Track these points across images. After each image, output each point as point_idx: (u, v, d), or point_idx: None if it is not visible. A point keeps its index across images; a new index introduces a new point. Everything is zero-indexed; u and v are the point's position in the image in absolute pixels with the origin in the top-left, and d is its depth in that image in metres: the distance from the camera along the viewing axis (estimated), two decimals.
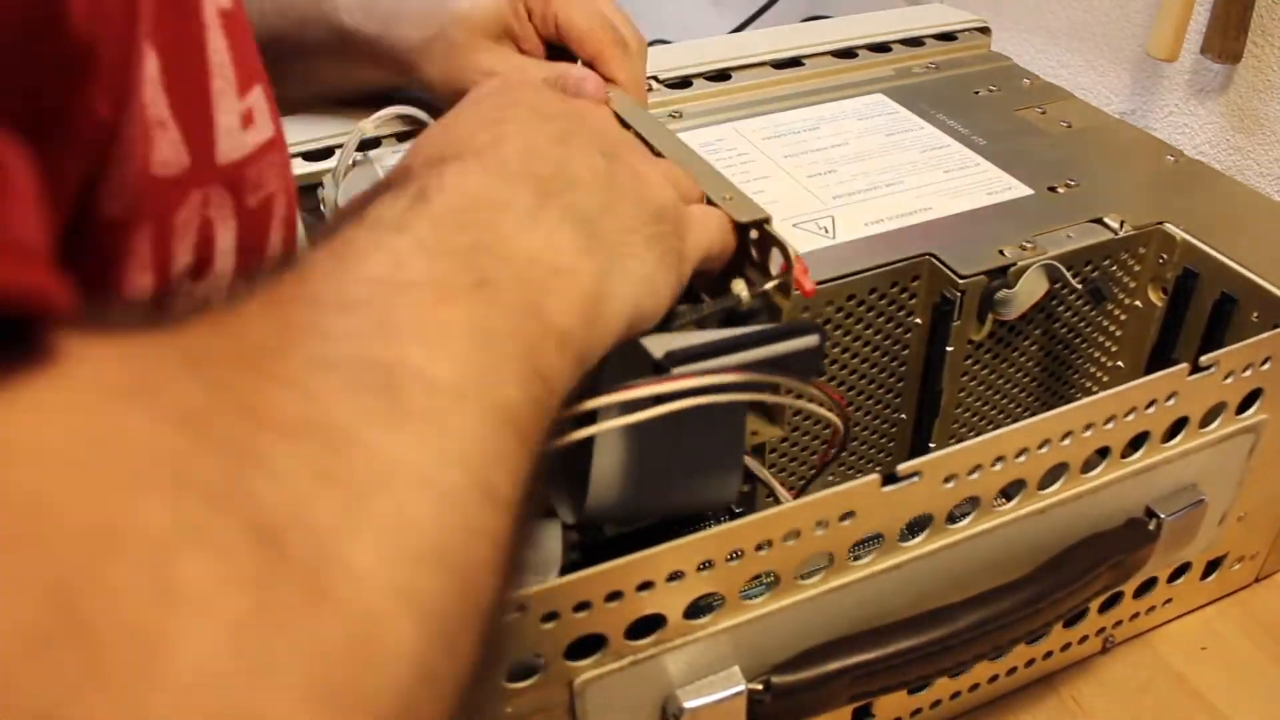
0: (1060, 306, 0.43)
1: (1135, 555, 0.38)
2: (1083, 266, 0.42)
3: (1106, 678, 0.43)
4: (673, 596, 0.31)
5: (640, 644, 0.31)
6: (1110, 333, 0.46)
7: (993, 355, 0.43)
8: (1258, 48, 0.54)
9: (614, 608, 0.30)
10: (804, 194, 0.45)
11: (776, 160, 0.48)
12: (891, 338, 0.43)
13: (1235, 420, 0.39)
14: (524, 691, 0.30)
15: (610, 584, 0.29)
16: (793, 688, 0.33)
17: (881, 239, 0.42)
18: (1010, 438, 0.34)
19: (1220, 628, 0.45)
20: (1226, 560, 0.45)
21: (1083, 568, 0.37)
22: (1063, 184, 0.46)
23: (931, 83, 0.55)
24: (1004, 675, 0.42)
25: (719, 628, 0.32)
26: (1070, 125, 0.51)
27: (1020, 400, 0.46)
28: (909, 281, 0.42)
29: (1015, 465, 0.34)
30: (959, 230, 0.43)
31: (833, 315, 0.41)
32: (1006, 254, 0.41)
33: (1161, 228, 0.43)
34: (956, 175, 0.46)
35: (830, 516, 0.32)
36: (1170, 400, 0.36)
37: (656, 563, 0.30)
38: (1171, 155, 0.48)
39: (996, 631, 0.35)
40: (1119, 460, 0.37)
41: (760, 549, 0.31)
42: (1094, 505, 0.38)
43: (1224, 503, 0.41)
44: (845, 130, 0.50)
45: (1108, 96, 0.63)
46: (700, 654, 0.33)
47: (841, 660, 0.34)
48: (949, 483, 0.33)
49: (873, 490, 0.32)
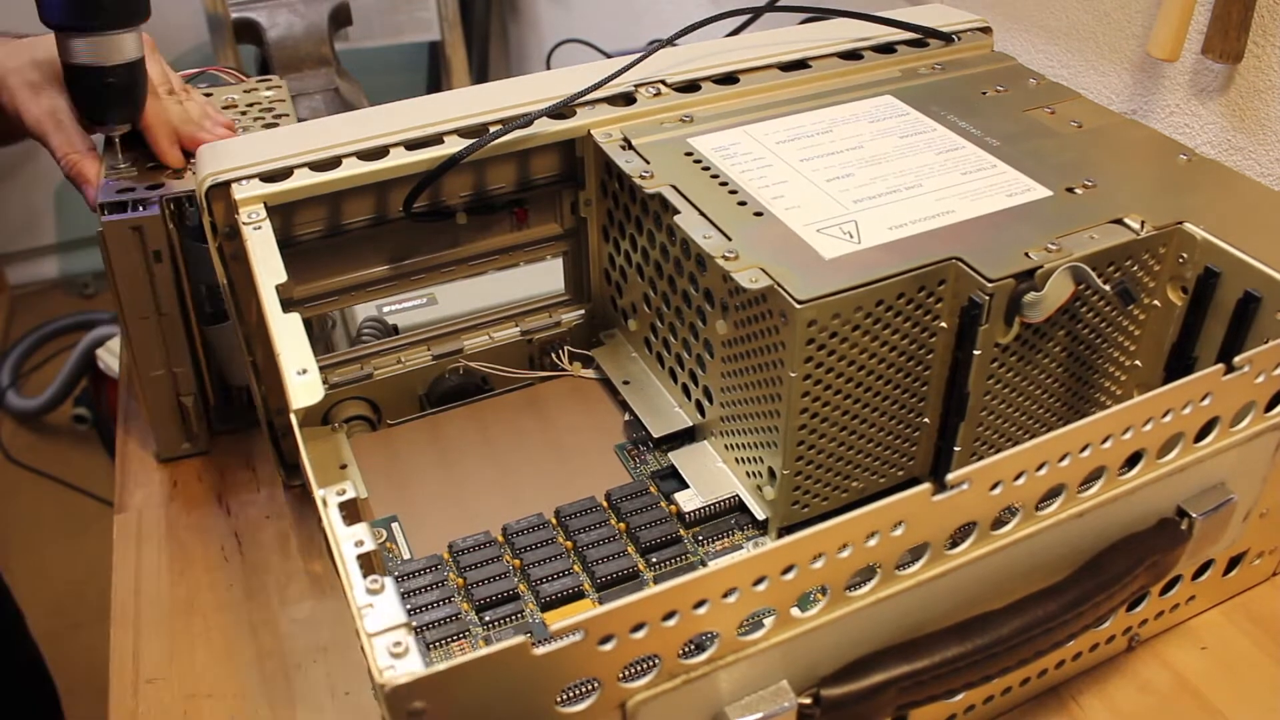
0: (1083, 308, 0.44)
1: (1170, 555, 0.38)
2: (1105, 267, 0.42)
3: (1107, 678, 0.43)
4: (727, 614, 0.30)
5: (693, 663, 0.31)
6: (1130, 333, 0.46)
7: (1017, 358, 0.43)
8: (1258, 48, 0.54)
9: (669, 627, 0.29)
10: (825, 198, 0.45)
11: (793, 164, 0.48)
12: (918, 342, 0.42)
13: (1264, 419, 0.39)
14: (579, 716, 0.30)
15: (667, 604, 0.29)
16: (842, 700, 0.33)
17: (906, 243, 0.42)
18: (1054, 443, 0.33)
19: (1220, 628, 0.45)
20: (1247, 556, 0.45)
21: (1122, 569, 0.37)
22: (1080, 184, 0.46)
23: (939, 84, 0.55)
24: (1035, 678, 0.42)
25: (771, 643, 0.32)
26: (1081, 125, 0.51)
27: (1042, 402, 0.46)
28: (936, 286, 0.41)
29: (1058, 470, 0.34)
30: (983, 233, 0.43)
31: (861, 321, 0.40)
32: (1032, 256, 0.41)
33: (1181, 227, 0.43)
34: (975, 177, 0.46)
35: (882, 527, 0.32)
36: (1205, 400, 0.36)
37: (713, 581, 0.29)
38: (1184, 154, 0.48)
39: (1041, 636, 0.35)
40: (1154, 461, 0.37)
41: (814, 562, 0.31)
42: (1128, 507, 0.38)
43: (1250, 500, 0.42)
44: (858, 133, 0.50)
45: (1108, 97, 0.64)
46: (750, 669, 0.32)
47: (889, 671, 0.33)
48: (995, 489, 0.33)
49: (923, 500, 0.32)
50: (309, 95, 1.12)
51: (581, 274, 0.56)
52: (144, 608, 0.49)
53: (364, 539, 0.31)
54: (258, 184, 0.46)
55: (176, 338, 0.53)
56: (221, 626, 0.48)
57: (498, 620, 0.42)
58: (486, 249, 0.53)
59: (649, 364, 0.54)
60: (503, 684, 0.28)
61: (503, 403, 0.54)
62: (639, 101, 0.52)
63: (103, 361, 1.45)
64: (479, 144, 0.47)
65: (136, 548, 0.52)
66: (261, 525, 0.53)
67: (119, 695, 0.45)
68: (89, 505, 1.49)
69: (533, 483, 0.49)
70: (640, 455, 0.50)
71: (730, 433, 0.47)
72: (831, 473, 0.44)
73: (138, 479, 0.56)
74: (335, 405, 0.52)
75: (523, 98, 0.51)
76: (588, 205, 0.53)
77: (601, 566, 0.44)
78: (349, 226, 0.50)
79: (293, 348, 0.37)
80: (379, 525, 0.47)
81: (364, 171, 0.47)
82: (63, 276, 1.98)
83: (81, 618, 1.26)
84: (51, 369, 1.67)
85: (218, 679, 0.45)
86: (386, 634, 0.28)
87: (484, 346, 0.55)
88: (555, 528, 0.46)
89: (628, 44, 0.73)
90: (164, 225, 0.49)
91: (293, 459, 0.53)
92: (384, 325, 0.60)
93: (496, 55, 1.80)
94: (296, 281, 0.50)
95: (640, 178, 0.46)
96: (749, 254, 0.41)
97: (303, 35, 1.17)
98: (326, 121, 0.50)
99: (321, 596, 0.49)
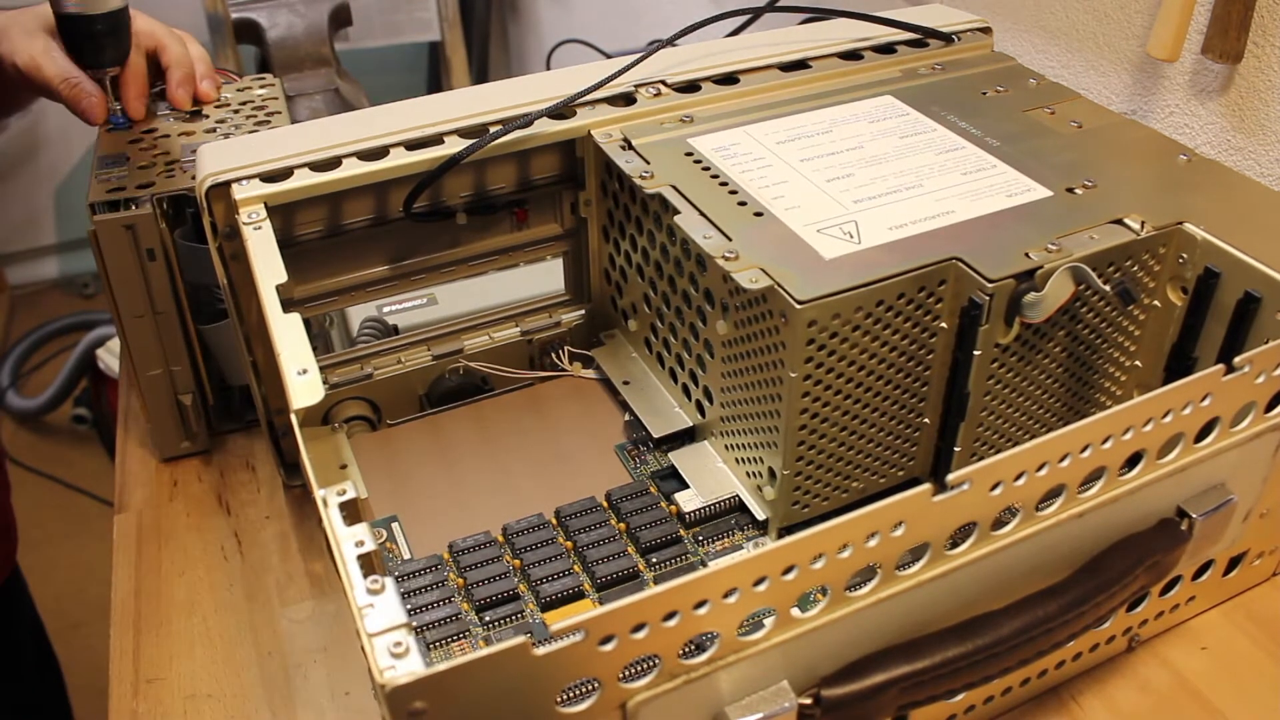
0: (1083, 308, 0.44)
1: (1170, 555, 0.38)
2: (1105, 268, 0.42)
3: (1106, 678, 0.43)
4: (727, 614, 0.30)
5: (694, 663, 0.31)
6: (1130, 333, 0.46)
7: (1017, 358, 0.43)
8: (1258, 48, 0.54)
9: (670, 628, 0.29)
10: (825, 198, 0.45)
11: (793, 164, 0.48)
12: (918, 342, 0.42)
13: (1264, 419, 0.39)
14: (579, 716, 0.30)
15: (668, 605, 0.29)
16: (843, 700, 0.33)
17: (906, 243, 0.42)
18: (1054, 443, 0.33)
19: (1220, 628, 0.45)
20: (1247, 556, 0.45)
21: (1122, 570, 0.37)
22: (1080, 185, 0.46)
23: (939, 84, 0.55)
24: (1035, 678, 0.42)
25: (771, 643, 0.32)
26: (1081, 125, 0.51)
27: (1042, 402, 0.46)
28: (936, 286, 0.41)
29: (1058, 470, 0.34)
30: (983, 233, 0.43)
31: (861, 321, 0.40)
32: (1033, 256, 0.41)
33: (1182, 228, 0.43)
34: (975, 177, 0.46)
35: (882, 528, 0.32)
36: (1205, 401, 0.36)
37: (713, 582, 0.29)
38: (1184, 154, 0.48)
39: (1042, 636, 0.35)
40: (1155, 462, 0.37)
41: (814, 562, 0.31)
42: (1128, 508, 0.38)
43: (1250, 500, 0.42)
44: (858, 133, 0.50)
45: (1108, 97, 0.64)
46: (751, 669, 0.32)
47: (889, 671, 0.33)
48: (996, 489, 0.33)
49: (923, 500, 0.32)
50: (309, 95, 1.12)
51: (581, 274, 0.56)
52: (144, 608, 0.49)
53: (364, 539, 0.31)
54: (258, 184, 0.46)
55: (173, 336, 0.53)
56: (221, 626, 0.48)
57: (498, 620, 0.42)
58: (486, 249, 0.53)
59: (649, 364, 0.54)
60: (503, 684, 0.28)
61: (503, 403, 0.54)
62: (639, 102, 0.52)
63: (103, 361, 1.45)
64: (479, 144, 0.47)
65: (136, 548, 0.52)
66: (261, 525, 0.53)
67: (119, 695, 0.45)
68: (89, 505, 1.49)
69: (533, 483, 0.49)
70: (640, 455, 0.50)
71: (730, 433, 0.47)
72: (832, 473, 0.44)
73: (138, 479, 0.56)
74: (335, 405, 0.52)
75: (523, 98, 0.51)
76: (588, 205, 0.53)
77: (602, 567, 0.44)
78: (349, 226, 0.50)
79: (293, 348, 0.37)
80: (379, 525, 0.47)
81: (364, 172, 0.47)
82: (62, 276, 1.98)
83: (81, 618, 1.26)
84: (51, 369, 1.67)
85: (218, 679, 0.45)
86: (387, 634, 0.28)
87: (484, 346, 0.55)
88: (555, 528, 0.46)
89: (628, 44, 0.73)
90: (155, 224, 0.49)
91: (293, 459, 0.53)
92: (384, 325, 0.60)
93: (496, 55, 1.80)
94: (296, 281, 0.50)
95: (640, 178, 0.46)
96: (749, 254, 0.41)
97: (303, 35, 1.17)
98: (327, 122, 0.50)
99: (321, 597, 0.49)
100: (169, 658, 0.46)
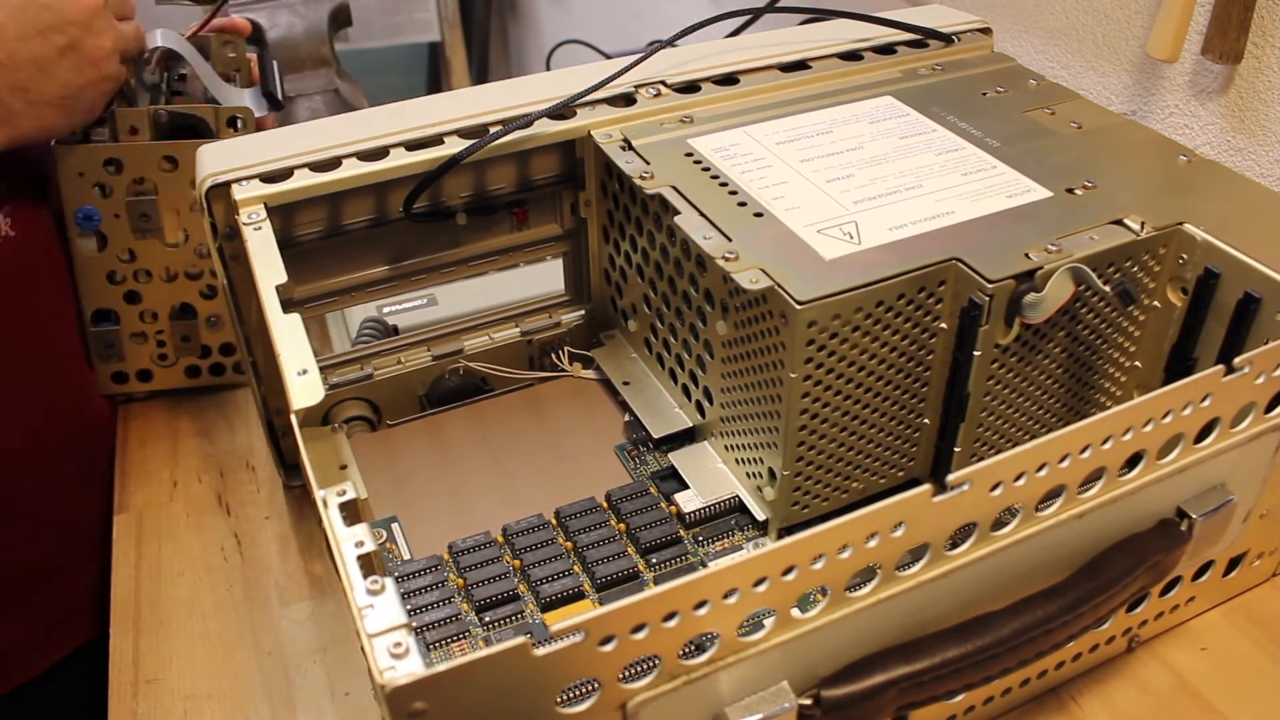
0: (1083, 309, 0.44)
1: (1170, 556, 0.38)
2: (1105, 268, 0.42)
3: (1106, 678, 0.43)
4: (727, 615, 0.30)
5: (694, 663, 0.31)
6: (1130, 334, 0.46)
7: (1017, 359, 0.43)
8: (1258, 48, 0.54)
9: (670, 628, 0.29)
10: (825, 199, 0.45)
11: (793, 165, 0.48)
12: (918, 343, 0.42)
13: (1264, 420, 0.39)
14: (579, 717, 0.30)
15: (668, 605, 0.29)
16: (842, 701, 0.33)
17: (906, 244, 0.42)
18: (1054, 444, 0.33)
19: (1220, 628, 0.45)
20: (1247, 557, 0.45)
21: (1122, 570, 0.37)
22: (1080, 185, 0.46)
23: (939, 84, 0.55)
24: (1035, 678, 0.42)
25: (771, 644, 0.32)
26: (1081, 126, 0.51)
27: (1042, 403, 0.46)
28: (936, 286, 0.41)
29: (1058, 470, 0.34)
30: (983, 234, 0.43)
31: (861, 322, 0.40)
32: (1032, 257, 0.41)
33: (1181, 228, 0.43)
34: (974, 178, 0.46)
35: (882, 528, 0.32)
36: (1205, 401, 0.36)
37: (713, 582, 0.29)
38: (1184, 155, 0.48)
39: (1042, 637, 0.35)
40: (1155, 462, 0.37)
41: (814, 563, 0.31)
42: (1128, 508, 0.38)
43: (1250, 501, 0.42)
44: (858, 133, 0.50)
45: (1108, 97, 0.64)
46: (751, 670, 0.32)
47: (889, 672, 0.33)
48: (996, 490, 0.33)
49: (923, 501, 0.32)
50: (309, 96, 1.12)
51: (581, 274, 0.56)
52: (144, 608, 0.49)
53: (364, 539, 0.31)
54: (258, 184, 0.46)
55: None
56: (221, 626, 0.48)
57: (498, 621, 0.43)
58: (486, 249, 0.53)
59: (649, 364, 0.54)
60: (503, 685, 0.28)
61: (503, 403, 0.54)
62: (639, 102, 0.52)
63: None
64: (479, 145, 0.47)
65: (136, 548, 0.52)
66: (261, 525, 0.53)
67: (119, 695, 0.45)
68: None
69: (533, 483, 0.49)
70: (640, 456, 0.50)
71: (730, 433, 0.47)
72: (831, 473, 0.44)
73: (138, 479, 0.56)
74: (335, 405, 0.52)
75: (523, 98, 0.51)
76: (588, 206, 0.53)
77: (601, 567, 0.44)
78: (349, 227, 0.50)
79: (293, 348, 0.37)
80: (379, 526, 0.47)
81: (364, 172, 0.47)
82: None
83: None
84: None
85: (218, 679, 0.45)
86: (387, 634, 0.28)
87: (484, 347, 0.55)
88: (555, 528, 0.46)
89: (628, 44, 0.73)
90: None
91: (293, 459, 0.53)
92: (384, 325, 0.60)
93: (496, 56, 1.80)
94: (296, 282, 0.50)
95: (640, 178, 0.46)
96: (749, 255, 0.41)
97: (303, 36, 1.17)
98: (327, 122, 0.50)
99: (321, 597, 0.49)
100: (169, 658, 0.46)
